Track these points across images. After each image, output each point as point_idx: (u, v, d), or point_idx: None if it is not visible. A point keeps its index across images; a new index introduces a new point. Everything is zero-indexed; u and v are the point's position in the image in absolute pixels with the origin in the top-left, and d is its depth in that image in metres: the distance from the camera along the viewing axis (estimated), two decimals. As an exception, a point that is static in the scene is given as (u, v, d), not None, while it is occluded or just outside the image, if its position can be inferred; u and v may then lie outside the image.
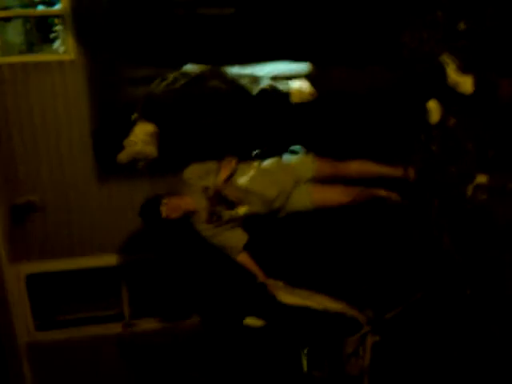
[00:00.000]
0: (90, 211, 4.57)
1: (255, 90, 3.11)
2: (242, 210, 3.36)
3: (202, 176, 3.38)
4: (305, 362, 3.92)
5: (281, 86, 3.15)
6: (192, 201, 3.35)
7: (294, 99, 3.15)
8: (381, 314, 3.68)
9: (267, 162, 3.44)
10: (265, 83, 3.12)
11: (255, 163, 3.43)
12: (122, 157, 3.29)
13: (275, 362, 4.18)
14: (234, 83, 3.13)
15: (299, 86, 3.15)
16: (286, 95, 3.15)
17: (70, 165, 4.48)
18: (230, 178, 3.35)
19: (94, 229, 4.60)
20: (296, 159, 3.47)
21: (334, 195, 3.49)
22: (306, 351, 3.90)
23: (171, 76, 3.20)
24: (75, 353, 4.71)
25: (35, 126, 4.34)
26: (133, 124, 3.23)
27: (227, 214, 3.35)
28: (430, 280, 3.47)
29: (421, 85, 3.20)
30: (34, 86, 4.25)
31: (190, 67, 3.24)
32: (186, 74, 3.20)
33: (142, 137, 3.18)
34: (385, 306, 3.73)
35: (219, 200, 3.35)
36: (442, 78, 3.04)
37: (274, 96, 3.13)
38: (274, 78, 3.17)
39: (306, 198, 3.42)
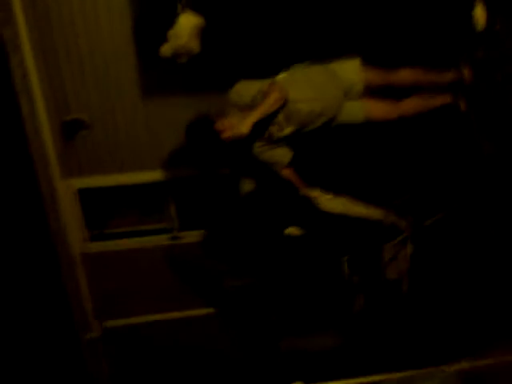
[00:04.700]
0: (136, 129, 4.71)
1: None
2: (288, 130, 3.33)
3: (248, 96, 3.24)
4: (345, 269, 4.07)
5: None
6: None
7: None
8: (421, 220, 3.78)
9: (314, 72, 3.32)
10: None
11: (302, 73, 3.32)
12: (166, 49, 3.10)
13: (316, 269, 4.35)
14: None
15: None
16: None
17: (116, 83, 4.57)
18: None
19: (140, 146, 4.76)
20: (344, 69, 3.32)
21: (387, 110, 3.47)
22: (346, 258, 4.05)
23: None
24: (126, 262, 4.97)
25: (80, 43, 4.40)
26: (177, 15, 3.02)
27: (275, 132, 3.33)
28: (470, 187, 3.52)
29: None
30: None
31: None
32: None
33: (187, 29, 2.99)
34: (425, 212, 3.81)
35: (267, 118, 3.33)
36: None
37: None
38: None
39: (360, 112, 3.39)
